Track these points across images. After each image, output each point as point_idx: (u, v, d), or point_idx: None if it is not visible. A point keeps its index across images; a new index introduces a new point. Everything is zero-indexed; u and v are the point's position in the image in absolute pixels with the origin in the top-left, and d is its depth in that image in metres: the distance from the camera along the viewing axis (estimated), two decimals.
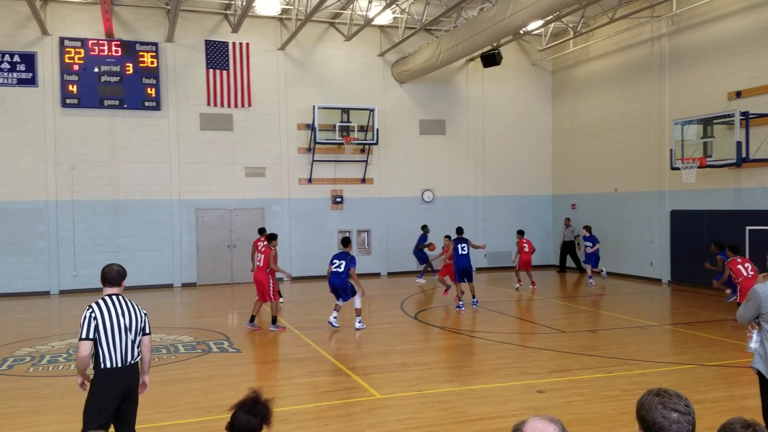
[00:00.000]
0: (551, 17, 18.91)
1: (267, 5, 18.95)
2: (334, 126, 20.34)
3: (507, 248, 22.16)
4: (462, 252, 15.11)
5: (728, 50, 16.40)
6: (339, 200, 21.32)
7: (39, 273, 18.39)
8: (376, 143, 20.87)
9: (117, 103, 18.91)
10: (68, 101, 18.48)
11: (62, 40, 18.40)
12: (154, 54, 19.21)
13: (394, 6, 18.58)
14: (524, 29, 19.83)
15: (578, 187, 22.51)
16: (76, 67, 18.53)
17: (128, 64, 18.94)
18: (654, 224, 19.14)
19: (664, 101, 18.54)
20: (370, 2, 18.20)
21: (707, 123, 16.16)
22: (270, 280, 12.62)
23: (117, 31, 18.93)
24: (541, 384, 8.48)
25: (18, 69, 18.17)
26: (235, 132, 20.20)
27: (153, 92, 19.20)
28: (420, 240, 20.19)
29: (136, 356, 5.40)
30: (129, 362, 5.30)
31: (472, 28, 17.12)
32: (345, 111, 20.60)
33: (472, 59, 22.22)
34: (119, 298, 5.38)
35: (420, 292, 17.84)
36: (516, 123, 23.37)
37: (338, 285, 12.38)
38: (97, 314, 5.20)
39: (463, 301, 14.81)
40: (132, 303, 5.44)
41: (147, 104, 19.18)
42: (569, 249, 21.92)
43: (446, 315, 14.43)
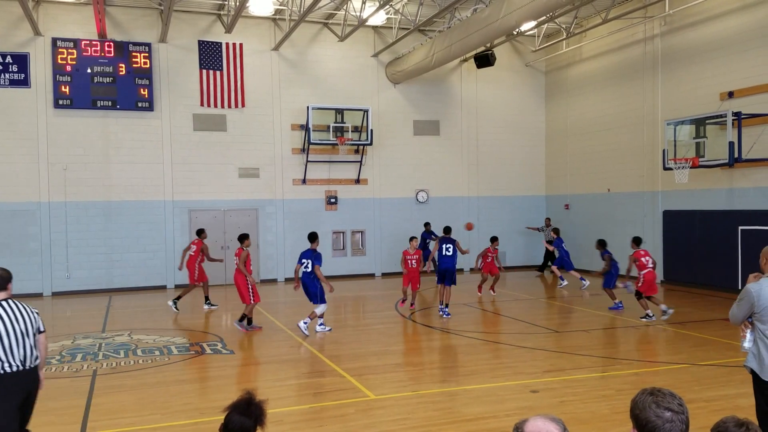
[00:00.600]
0: (544, 18, 18.98)
1: (260, 5, 18.93)
2: (328, 126, 20.33)
3: (501, 248, 22.13)
4: (446, 253, 14.06)
5: (721, 50, 16.48)
6: (333, 201, 21.30)
7: (32, 274, 18.28)
8: (371, 144, 20.87)
9: (110, 104, 18.83)
10: (61, 102, 18.40)
11: (55, 41, 18.32)
12: (147, 54, 19.15)
13: (388, 7, 18.58)
14: (517, 30, 19.88)
15: (571, 188, 22.57)
16: (69, 68, 18.45)
17: (121, 65, 18.87)
18: (647, 224, 19.21)
19: (657, 102, 18.61)
20: (364, 3, 18.21)
21: (700, 123, 16.22)
22: (247, 282, 12.37)
23: (110, 32, 18.86)
24: (535, 384, 8.50)
25: (10, 70, 18.08)
26: (229, 132, 20.16)
27: (146, 93, 19.13)
28: (423, 237, 20.19)
29: (36, 359, 5.32)
30: (29, 366, 5.23)
31: (466, 29, 17.15)
32: (339, 111, 20.59)
33: (466, 60, 22.25)
34: (9, 303, 5.26)
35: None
36: (509, 123, 23.42)
37: (308, 285, 11.85)
38: None
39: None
40: (22, 305, 5.34)
41: (140, 105, 19.11)
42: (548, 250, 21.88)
43: (438, 316, 14.42)
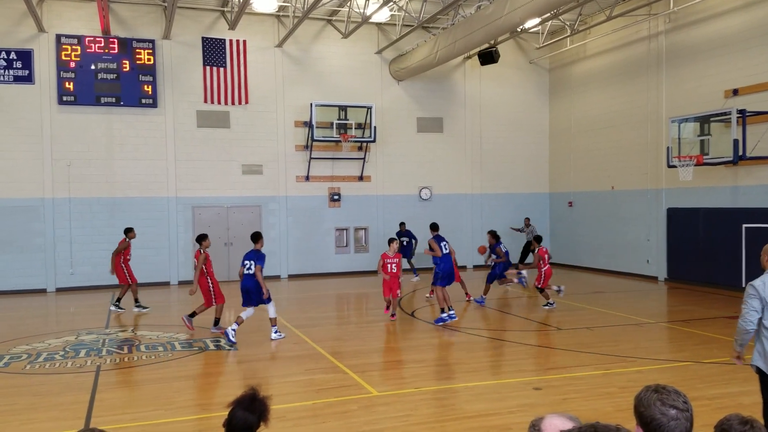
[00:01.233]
0: (548, 15, 18.93)
1: (264, 2, 18.94)
2: (332, 123, 20.32)
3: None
4: (445, 251, 12.98)
5: (725, 48, 16.42)
6: (336, 198, 21.30)
7: (36, 270, 18.35)
8: (374, 141, 20.86)
9: (113, 101, 18.86)
10: (65, 98, 18.43)
11: (59, 37, 18.35)
12: (151, 51, 19.16)
13: (392, 3, 18.56)
14: (521, 27, 19.83)
15: (575, 185, 22.54)
16: (73, 65, 18.48)
17: (125, 62, 18.89)
18: (650, 222, 19.17)
19: (661, 99, 18.56)
20: (367, 0, 18.18)
21: (704, 121, 16.17)
22: (209, 284, 12.02)
23: (114, 28, 18.87)
24: (538, 381, 8.50)
25: (14, 66, 18.11)
26: (232, 129, 20.17)
27: (150, 89, 19.15)
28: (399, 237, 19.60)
29: None
30: None
31: (470, 26, 17.12)
32: (342, 108, 20.58)
33: (470, 57, 22.22)
34: None
35: (415, 290, 17.83)
36: (513, 121, 23.38)
37: (252, 288, 11.18)
38: None
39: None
40: None
41: (144, 101, 19.13)
42: (527, 249, 21.73)
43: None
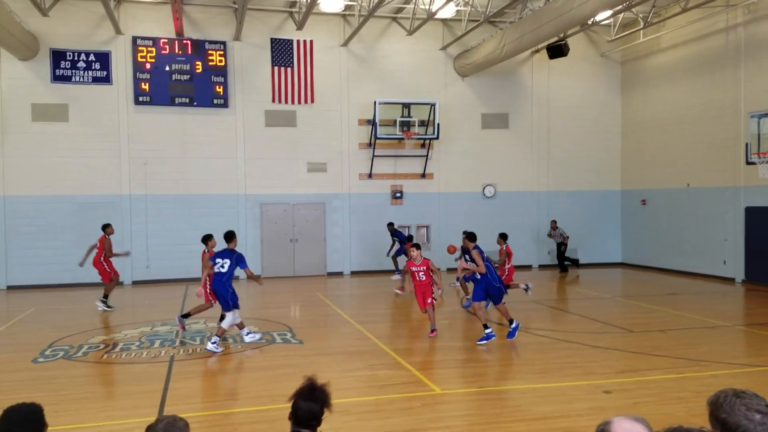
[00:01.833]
0: (621, 7, 18.30)
1: (331, 2, 19.14)
2: (395, 121, 20.35)
3: (572, 245, 21.69)
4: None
5: None
6: (399, 195, 21.33)
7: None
8: (437, 138, 20.77)
9: (187, 101, 19.49)
10: (141, 99, 19.18)
11: (135, 39, 19.09)
12: (222, 52, 19.69)
13: None
14: (592, 20, 19.32)
15: (648, 183, 21.77)
16: (148, 66, 19.19)
17: (198, 63, 19.49)
18: (728, 221, 18.34)
19: (740, 93, 17.71)
20: None
21: None
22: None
23: (187, 31, 19.50)
24: (608, 384, 8.26)
25: (93, 68, 18.97)
26: (298, 128, 20.51)
27: (221, 90, 19.69)
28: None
29: None
30: None
31: (538, 20, 16.79)
32: (406, 106, 20.58)
33: (538, 51, 21.80)
34: None
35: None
36: (583, 116, 22.79)
37: (218, 290, 10.67)
38: None
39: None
40: None
41: (215, 102, 19.69)
42: (560, 249, 21.14)
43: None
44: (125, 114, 19.22)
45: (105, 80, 19.06)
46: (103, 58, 19.04)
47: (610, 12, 18.78)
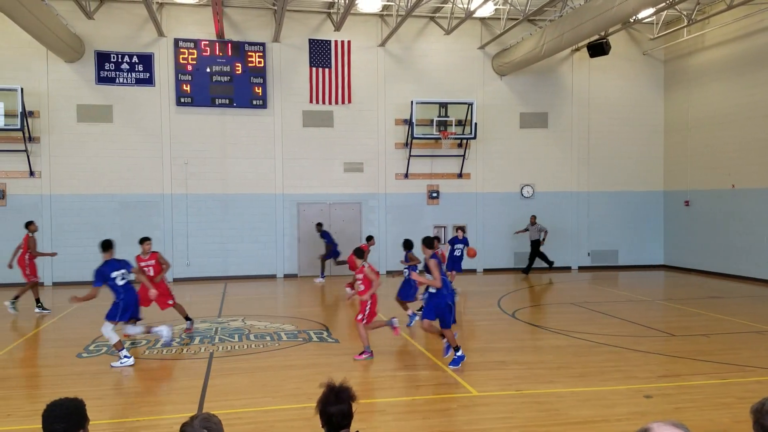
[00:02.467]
0: (664, 4, 17.92)
1: (369, 2, 19.18)
2: (432, 121, 20.30)
3: (613, 246, 21.34)
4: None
5: None
6: (435, 195, 21.27)
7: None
8: (474, 137, 20.64)
9: (227, 102, 19.78)
10: (182, 100, 19.54)
11: (177, 42, 19.46)
12: (262, 54, 19.92)
13: None
14: (635, 17, 18.95)
15: (692, 183, 21.26)
16: (190, 67, 19.53)
17: (237, 64, 19.75)
18: None
19: None
20: None
21: None
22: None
23: (227, 32, 19.78)
24: (649, 389, 8.09)
25: (136, 69, 19.40)
26: (335, 128, 20.62)
27: (260, 91, 19.93)
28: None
29: None
30: None
31: (579, 17, 16.54)
32: (443, 105, 20.51)
33: (578, 49, 21.48)
34: None
35: (517, 290, 17.48)
36: (624, 115, 22.37)
37: (132, 301, 10.03)
38: None
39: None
40: None
41: (254, 103, 19.93)
42: (535, 247, 20.63)
43: (545, 314, 14.08)
44: (167, 115, 19.60)
45: (148, 82, 19.46)
46: (146, 60, 19.44)
47: (653, 10, 18.40)
